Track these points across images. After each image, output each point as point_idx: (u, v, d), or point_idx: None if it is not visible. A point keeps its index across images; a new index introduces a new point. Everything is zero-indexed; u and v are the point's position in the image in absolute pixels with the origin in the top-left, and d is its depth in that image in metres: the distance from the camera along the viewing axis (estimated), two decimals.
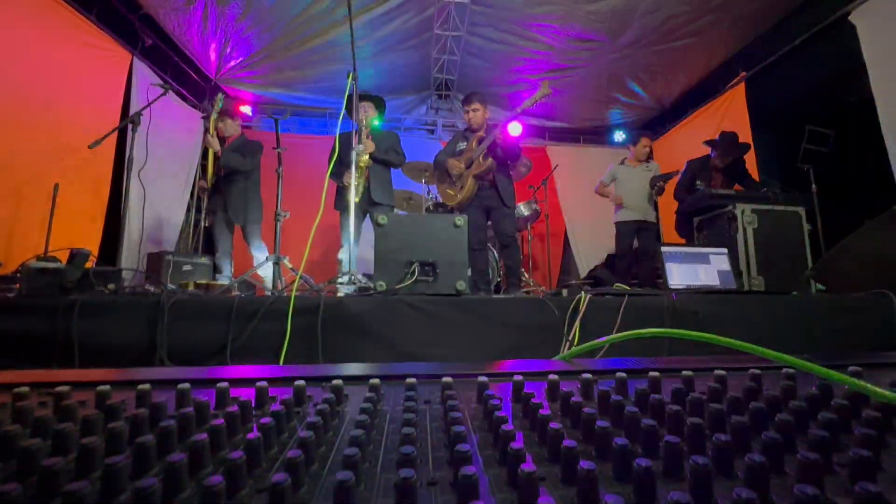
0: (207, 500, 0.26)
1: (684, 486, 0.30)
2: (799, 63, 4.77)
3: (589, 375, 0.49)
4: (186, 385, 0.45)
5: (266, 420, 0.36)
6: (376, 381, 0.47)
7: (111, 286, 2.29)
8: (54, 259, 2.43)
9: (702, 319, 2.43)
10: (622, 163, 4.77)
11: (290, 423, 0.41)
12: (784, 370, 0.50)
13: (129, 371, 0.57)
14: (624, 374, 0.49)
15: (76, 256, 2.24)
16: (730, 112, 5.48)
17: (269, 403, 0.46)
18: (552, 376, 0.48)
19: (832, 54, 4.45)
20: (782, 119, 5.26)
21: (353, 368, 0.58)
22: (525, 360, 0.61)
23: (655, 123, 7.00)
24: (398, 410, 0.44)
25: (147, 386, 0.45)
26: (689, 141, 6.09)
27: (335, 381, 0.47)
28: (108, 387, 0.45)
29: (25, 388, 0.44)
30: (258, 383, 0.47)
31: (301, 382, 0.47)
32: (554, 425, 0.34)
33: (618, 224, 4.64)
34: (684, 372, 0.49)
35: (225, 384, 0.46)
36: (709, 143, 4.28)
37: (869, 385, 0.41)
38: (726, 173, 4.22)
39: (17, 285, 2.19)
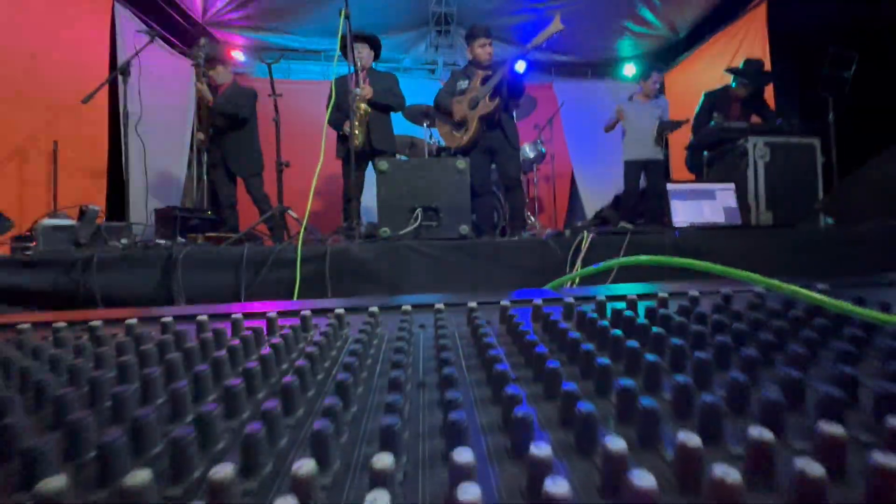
0: (230, 399, 0.31)
1: (639, 380, 0.35)
2: None
3: (571, 300, 0.53)
4: (205, 317, 0.50)
5: (276, 340, 0.41)
6: (374, 308, 0.51)
7: (123, 240, 2.36)
8: (65, 216, 2.49)
9: (704, 255, 2.45)
10: (630, 98, 4.59)
11: (298, 345, 0.46)
12: (753, 290, 0.53)
13: (151, 309, 0.62)
14: (603, 298, 0.53)
15: (86, 213, 2.29)
16: (749, 37, 5.12)
17: (279, 330, 0.51)
18: (537, 301, 0.52)
19: None
20: (804, 44, 4.91)
21: (355, 301, 0.63)
22: (514, 290, 0.65)
23: (668, 53, 6.59)
24: (394, 333, 0.48)
25: (170, 318, 0.50)
26: (704, 71, 5.76)
27: (337, 310, 0.51)
28: (135, 320, 0.50)
29: (62, 323, 0.49)
30: (268, 314, 0.52)
31: (307, 312, 0.51)
32: (526, 332, 0.38)
33: (626, 163, 4.57)
34: (660, 294, 0.53)
35: (239, 315, 0.51)
36: (731, 70, 4.04)
37: (825, 297, 0.44)
38: (745, 104, 4.04)
39: (34, 243, 2.26)
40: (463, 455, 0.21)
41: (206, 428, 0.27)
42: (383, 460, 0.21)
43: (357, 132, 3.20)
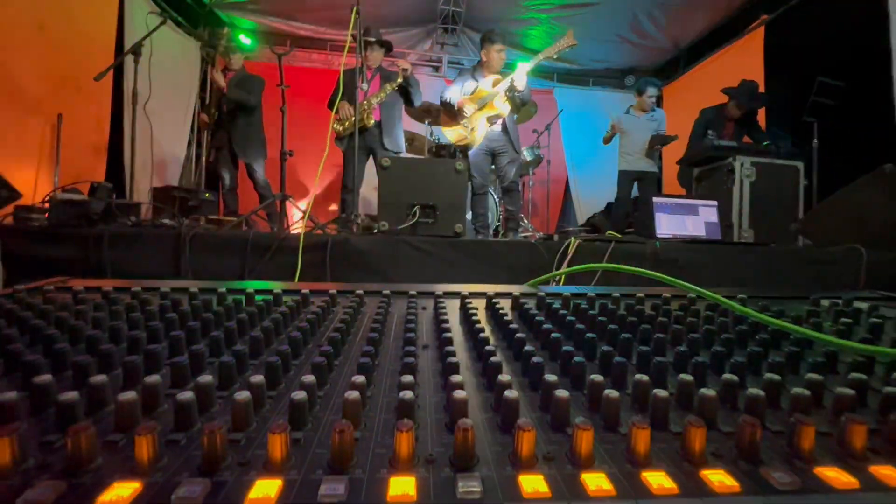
0: (294, 345, 0.44)
1: (581, 351, 0.48)
2: (823, 7, 4.54)
3: (543, 294, 0.66)
4: (279, 290, 0.62)
5: (311, 316, 0.54)
6: (387, 292, 0.64)
7: (132, 218, 2.45)
8: (77, 191, 2.56)
9: (681, 266, 2.61)
10: (627, 112, 4.71)
11: (328, 318, 0.59)
12: (688, 296, 0.67)
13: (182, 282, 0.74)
14: (569, 295, 0.66)
15: (98, 189, 2.37)
16: (746, 58, 5.29)
17: (311, 306, 0.64)
18: (516, 293, 0.66)
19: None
20: (797, 68, 5.09)
21: (369, 286, 0.76)
22: (498, 284, 0.78)
23: (669, 67, 6.76)
24: (403, 312, 0.62)
25: (196, 289, 0.62)
26: (702, 86, 5.93)
27: (357, 292, 0.64)
28: (167, 289, 0.62)
29: (139, 288, 0.61)
30: (302, 291, 0.64)
31: (333, 291, 0.64)
32: (504, 314, 0.52)
33: (620, 173, 4.69)
34: (613, 295, 0.67)
35: (279, 290, 0.63)
36: (728, 91, 4.18)
37: (734, 303, 0.58)
38: (739, 123, 4.19)
39: (46, 215, 2.34)
40: (455, 378, 0.34)
41: (286, 358, 0.40)
42: (407, 378, 0.34)
43: (365, 114, 3.36)
